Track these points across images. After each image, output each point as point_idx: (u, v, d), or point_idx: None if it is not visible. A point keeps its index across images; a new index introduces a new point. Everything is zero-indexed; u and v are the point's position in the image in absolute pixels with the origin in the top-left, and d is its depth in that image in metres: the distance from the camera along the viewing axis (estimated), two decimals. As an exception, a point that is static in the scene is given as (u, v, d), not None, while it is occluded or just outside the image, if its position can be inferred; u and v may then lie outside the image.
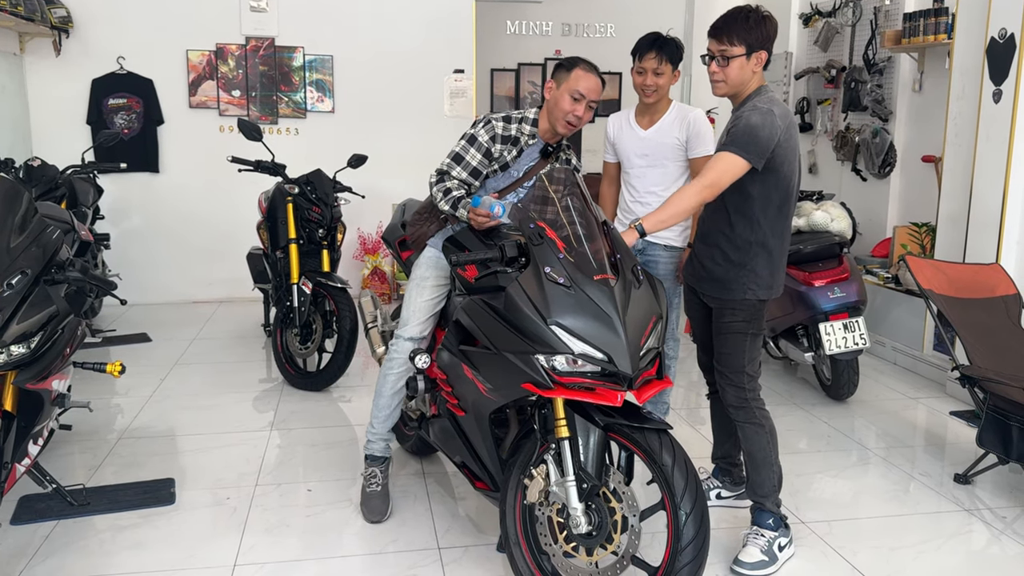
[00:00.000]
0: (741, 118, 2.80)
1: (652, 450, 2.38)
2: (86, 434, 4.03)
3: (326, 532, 3.14)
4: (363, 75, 6.96)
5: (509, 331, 2.43)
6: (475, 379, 2.60)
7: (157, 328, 6.00)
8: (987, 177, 4.48)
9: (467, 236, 3.03)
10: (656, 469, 2.39)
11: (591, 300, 2.36)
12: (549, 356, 2.35)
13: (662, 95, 3.67)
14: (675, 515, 2.35)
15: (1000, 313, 3.87)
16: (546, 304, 2.36)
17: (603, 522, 2.46)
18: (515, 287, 2.44)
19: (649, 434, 2.41)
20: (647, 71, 3.60)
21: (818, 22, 6.54)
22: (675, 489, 2.35)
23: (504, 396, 2.54)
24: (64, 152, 6.22)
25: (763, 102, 2.82)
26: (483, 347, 2.57)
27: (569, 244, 2.45)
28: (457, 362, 2.70)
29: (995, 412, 3.48)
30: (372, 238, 7.05)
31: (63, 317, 2.83)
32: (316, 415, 4.39)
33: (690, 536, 2.34)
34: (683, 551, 2.34)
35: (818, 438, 4.16)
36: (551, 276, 2.39)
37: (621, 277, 2.44)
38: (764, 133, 2.73)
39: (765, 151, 2.75)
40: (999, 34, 4.35)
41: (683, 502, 2.34)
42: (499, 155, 3.14)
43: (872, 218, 6.13)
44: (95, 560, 2.92)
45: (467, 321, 2.64)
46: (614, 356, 2.32)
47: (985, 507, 3.43)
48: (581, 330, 2.33)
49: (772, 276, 2.92)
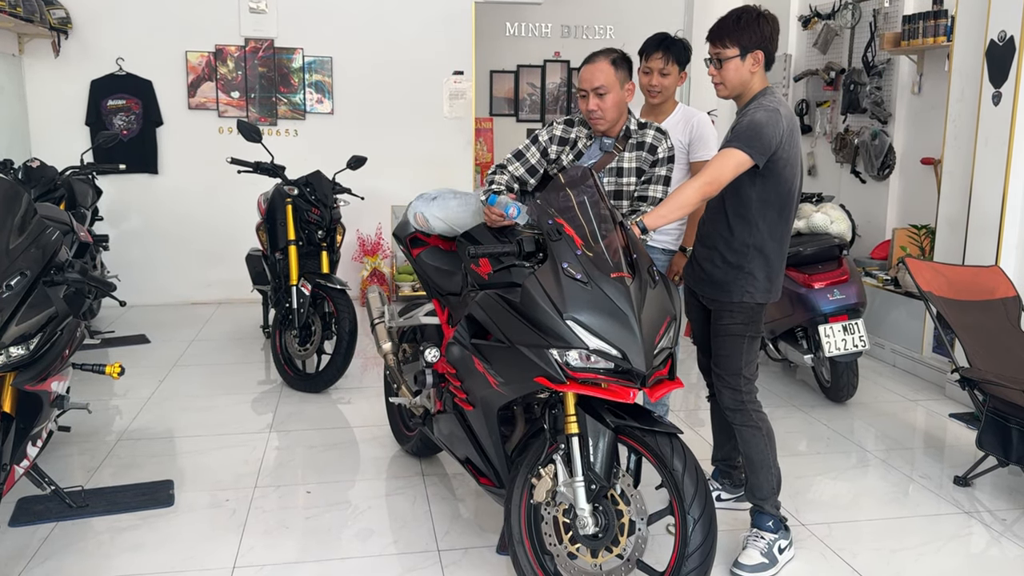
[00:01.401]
0: (746, 115, 2.80)
1: (663, 454, 2.39)
2: (85, 436, 4.02)
3: (325, 534, 3.14)
4: (362, 77, 6.96)
5: (524, 325, 2.44)
6: (486, 372, 2.60)
7: (156, 329, 6.00)
8: (986, 179, 4.48)
9: (481, 233, 3.03)
10: (666, 474, 2.39)
11: (607, 297, 2.36)
12: (563, 351, 2.35)
13: (667, 96, 3.65)
14: (683, 521, 2.36)
15: (1000, 315, 3.87)
16: (563, 299, 2.37)
17: (610, 524, 2.46)
18: (532, 281, 2.45)
19: (660, 438, 2.42)
20: (653, 71, 3.58)
21: (817, 24, 6.54)
22: (685, 495, 2.36)
23: (515, 390, 2.54)
24: (63, 153, 6.21)
25: (769, 101, 2.82)
26: (496, 341, 2.57)
27: (587, 241, 2.46)
28: (468, 356, 2.70)
29: (994, 414, 3.48)
30: (371, 240, 7.05)
31: (62, 318, 2.83)
32: (315, 417, 4.38)
33: (697, 542, 2.35)
34: (690, 557, 2.34)
35: (817, 440, 4.16)
36: (568, 272, 2.40)
37: (637, 276, 2.45)
38: (768, 131, 2.73)
39: (768, 148, 2.74)
40: (998, 36, 4.35)
41: (692, 508, 2.35)
42: (556, 156, 3.17)
43: (871, 220, 6.13)
44: (94, 562, 2.92)
45: (481, 315, 2.64)
46: (629, 353, 2.32)
47: (985, 509, 3.43)
48: (597, 326, 2.34)
49: (770, 280, 2.92)
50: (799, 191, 2.94)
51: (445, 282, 3.22)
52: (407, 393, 3.44)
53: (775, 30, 2.88)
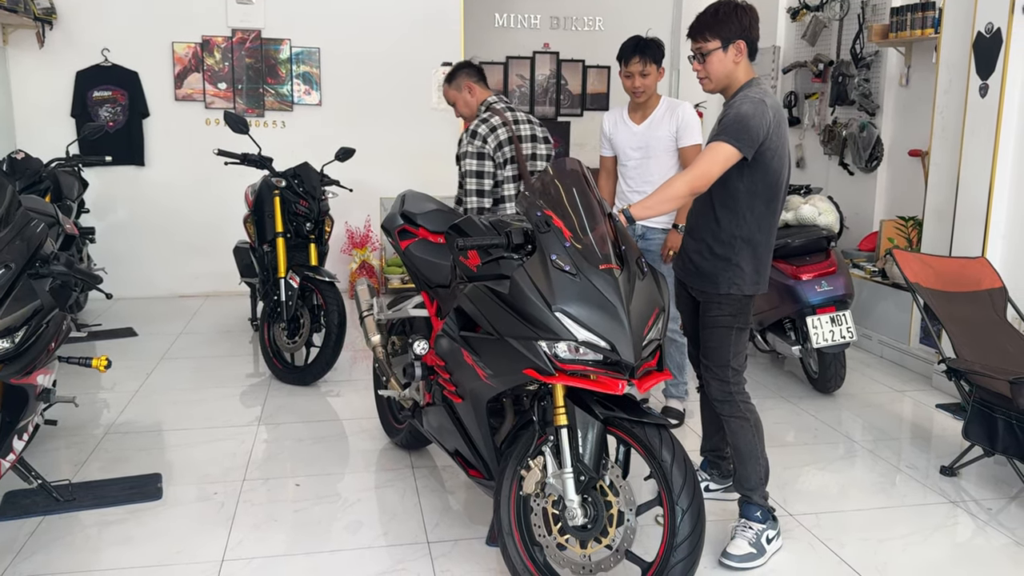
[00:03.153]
0: (732, 107, 2.80)
1: (652, 446, 2.39)
2: (72, 429, 4.00)
3: (314, 527, 3.13)
4: (350, 68, 6.93)
5: (513, 317, 2.44)
6: (475, 365, 2.60)
7: (143, 322, 5.97)
8: (973, 171, 4.50)
9: (470, 224, 3.03)
10: (655, 465, 2.40)
11: (596, 289, 2.36)
12: (552, 343, 2.35)
13: (651, 93, 3.94)
14: (672, 512, 2.36)
15: (986, 306, 3.89)
16: (551, 291, 2.37)
17: (599, 515, 2.47)
18: (521, 273, 2.45)
19: (649, 429, 2.42)
20: (634, 75, 3.88)
21: (806, 16, 6.55)
22: (673, 486, 2.36)
23: (504, 382, 2.54)
24: (48, 145, 6.16)
25: (755, 93, 2.82)
26: (485, 333, 2.57)
27: (575, 233, 2.46)
28: (457, 348, 2.70)
29: (981, 405, 3.50)
30: (360, 232, 7.03)
31: (48, 311, 2.81)
32: (304, 410, 4.37)
33: (686, 533, 2.35)
34: (678, 547, 2.35)
35: (805, 431, 4.18)
36: (557, 264, 2.40)
37: (626, 268, 2.45)
38: (755, 122, 2.73)
39: (755, 140, 2.74)
40: (985, 28, 4.37)
41: (681, 499, 2.36)
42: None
43: (859, 212, 6.16)
44: (81, 556, 2.90)
45: (470, 307, 2.64)
46: (617, 345, 2.32)
47: (971, 499, 3.45)
48: (585, 318, 2.34)
49: (757, 272, 2.92)
50: (787, 182, 2.94)
51: (434, 274, 3.21)
52: (396, 386, 3.44)
53: (754, 19, 2.88)
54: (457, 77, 4.03)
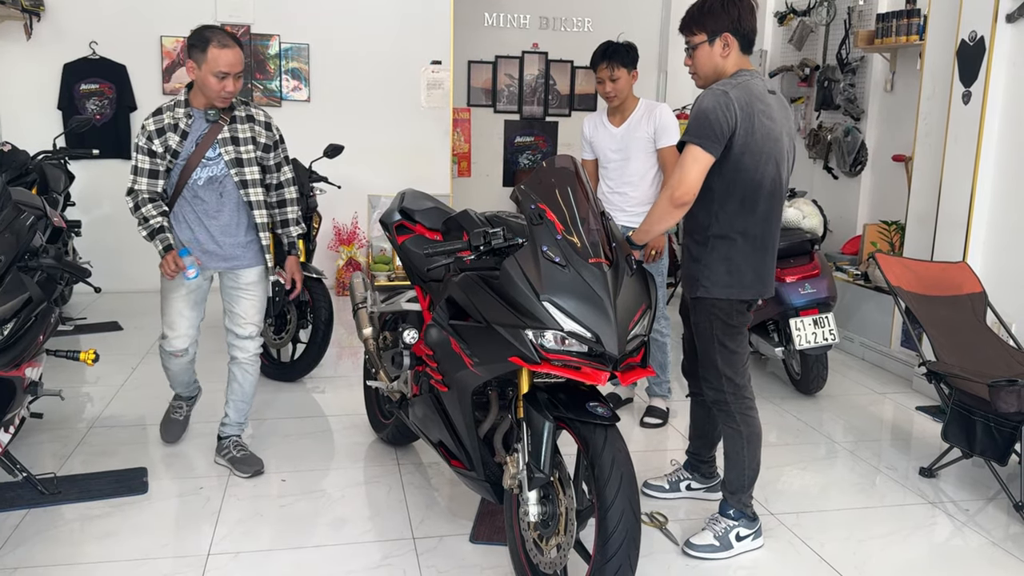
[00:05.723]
0: (697, 102, 2.75)
1: (592, 444, 2.39)
2: (57, 422, 3.99)
3: (300, 522, 3.14)
4: (340, 64, 6.92)
5: (501, 305, 2.47)
6: (462, 353, 2.62)
7: (128, 317, 5.94)
8: (955, 177, 4.56)
9: (466, 218, 3.03)
10: (588, 462, 2.40)
11: (584, 281, 2.40)
12: (539, 332, 2.38)
13: (624, 96, 4.04)
14: (601, 508, 2.35)
15: (966, 311, 3.94)
16: (540, 280, 2.40)
17: (555, 512, 2.50)
18: (511, 262, 2.48)
19: (596, 428, 2.42)
20: (604, 80, 4.00)
21: (793, 20, 6.60)
22: (605, 484, 2.34)
23: (490, 370, 2.55)
24: (35, 138, 6.12)
25: (722, 84, 2.74)
26: (474, 322, 2.60)
27: (567, 227, 2.50)
28: (446, 337, 2.72)
29: (959, 407, 3.55)
30: (347, 229, 7.02)
31: (37, 304, 2.81)
32: (290, 405, 4.38)
33: (610, 530, 2.33)
34: (605, 546, 2.33)
35: (787, 431, 4.23)
36: (548, 255, 2.44)
37: (615, 263, 2.49)
38: (714, 116, 2.65)
39: (720, 136, 2.66)
40: (969, 37, 4.42)
41: (608, 495, 2.33)
42: (164, 147, 3.33)
43: (843, 216, 6.21)
44: (65, 550, 2.90)
45: (460, 295, 2.67)
46: (602, 336, 2.36)
47: (949, 500, 3.50)
48: (572, 309, 2.37)
49: (731, 274, 2.82)
50: (781, 179, 2.84)
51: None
52: (385, 378, 3.47)
53: (744, 11, 2.80)
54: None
